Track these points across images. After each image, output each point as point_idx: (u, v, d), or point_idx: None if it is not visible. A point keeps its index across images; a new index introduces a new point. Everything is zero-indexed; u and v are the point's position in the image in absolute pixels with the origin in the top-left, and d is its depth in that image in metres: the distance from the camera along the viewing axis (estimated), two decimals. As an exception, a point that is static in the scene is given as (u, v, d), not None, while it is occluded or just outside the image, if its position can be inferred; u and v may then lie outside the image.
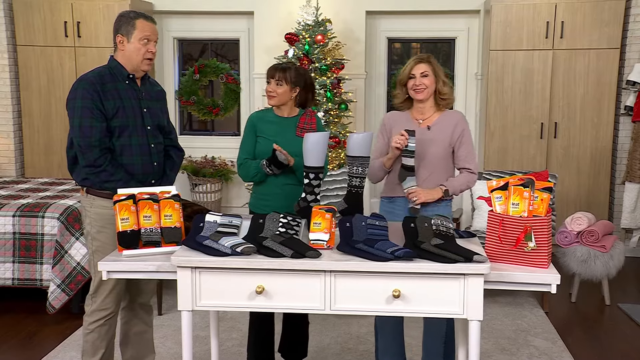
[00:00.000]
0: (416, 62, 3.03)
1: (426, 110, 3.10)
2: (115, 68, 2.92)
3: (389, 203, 3.14)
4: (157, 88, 3.12)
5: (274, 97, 3.17)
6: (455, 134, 3.06)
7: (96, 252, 2.92)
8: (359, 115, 6.27)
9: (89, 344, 2.98)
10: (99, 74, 2.89)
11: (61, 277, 4.12)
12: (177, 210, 2.67)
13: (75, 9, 5.93)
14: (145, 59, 2.90)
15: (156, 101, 3.06)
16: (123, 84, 2.91)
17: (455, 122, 3.07)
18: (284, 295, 2.44)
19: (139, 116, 2.93)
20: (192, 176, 6.43)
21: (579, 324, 4.29)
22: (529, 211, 2.50)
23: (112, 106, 2.85)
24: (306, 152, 2.80)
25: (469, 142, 3.09)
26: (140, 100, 2.95)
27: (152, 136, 2.98)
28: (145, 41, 2.87)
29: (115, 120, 2.86)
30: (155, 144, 3.00)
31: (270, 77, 3.18)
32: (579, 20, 5.61)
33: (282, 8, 6.21)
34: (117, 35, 2.90)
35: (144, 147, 2.94)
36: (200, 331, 3.97)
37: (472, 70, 6.43)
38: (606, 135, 5.74)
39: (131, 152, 2.90)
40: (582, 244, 4.47)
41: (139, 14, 2.91)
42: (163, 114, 3.09)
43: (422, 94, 3.02)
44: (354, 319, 4.18)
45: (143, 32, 2.86)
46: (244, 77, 6.69)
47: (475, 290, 2.38)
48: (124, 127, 2.88)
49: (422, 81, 3.01)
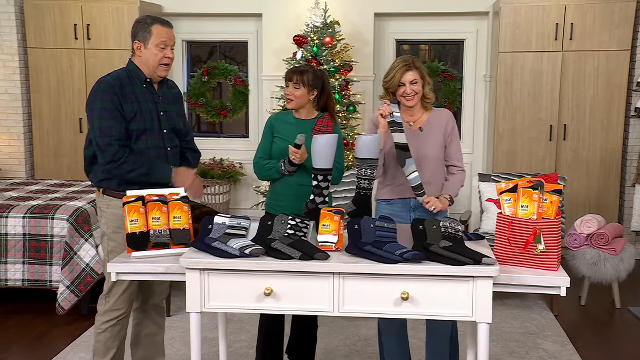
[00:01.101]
0: (404, 69, 3.01)
1: (415, 112, 3.12)
2: (133, 71, 2.93)
3: (388, 205, 3.14)
4: (174, 91, 3.12)
5: (292, 100, 3.18)
6: (447, 131, 3.11)
7: (112, 252, 2.94)
8: (367, 117, 6.26)
9: (100, 344, 2.99)
10: (118, 77, 2.90)
11: (70, 278, 4.14)
12: (185, 212, 2.68)
13: (85, 12, 5.97)
14: (162, 64, 2.91)
15: (173, 104, 3.06)
16: (140, 88, 2.92)
17: (446, 120, 3.12)
18: (292, 297, 2.44)
19: (155, 120, 2.94)
20: (201, 178, 6.44)
21: (589, 327, 4.26)
22: (538, 213, 2.49)
23: (131, 109, 2.87)
24: (315, 154, 2.81)
25: (457, 139, 3.16)
26: (157, 104, 2.96)
27: (169, 139, 2.99)
28: (162, 47, 2.88)
29: (133, 124, 2.87)
30: (172, 147, 3.01)
31: (288, 80, 3.19)
32: (588, 22, 5.58)
33: (290, 10, 6.22)
34: (134, 42, 2.91)
35: (160, 151, 2.95)
36: (208, 333, 3.98)
37: (481, 72, 6.41)
38: (616, 137, 5.70)
39: (148, 156, 2.91)
40: (591, 246, 4.44)
41: (155, 19, 2.91)
42: (179, 117, 3.10)
43: (413, 101, 3.05)
44: (362, 321, 4.17)
45: (159, 38, 2.87)
46: (252, 79, 6.71)
47: (484, 293, 2.37)
48: (142, 131, 2.89)
49: (412, 88, 3.02)
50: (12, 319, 4.27)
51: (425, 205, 2.97)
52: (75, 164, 6.14)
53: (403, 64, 3.03)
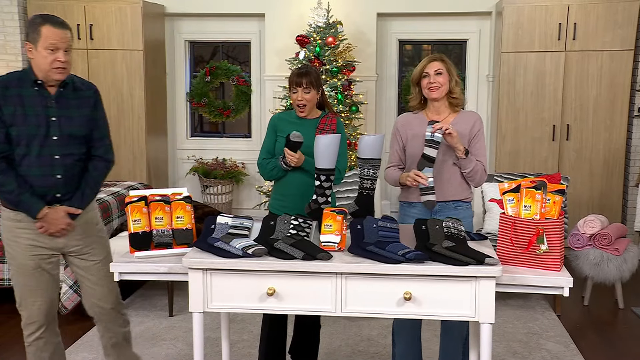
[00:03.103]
0: (429, 60, 2.97)
1: (442, 110, 3.02)
2: (27, 73, 2.73)
3: (409, 207, 3.08)
4: (85, 94, 2.85)
5: (305, 106, 3.11)
6: (472, 133, 3.00)
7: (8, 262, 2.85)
8: (369, 117, 6.27)
9: (30, 355, 2.93)
10: (7, 78, 2.72)
11: (73, 278, 4.14)
12: (188, 212, 2.68)
13: (87, 12, 5.98)
14: (54, 68, 2.67)
15: (76, 109, 2.79)
16: (30, 90, 2.71)
17: (473, 121, 3.01)
18: (295, 297, 2.44)
19: (43, 125, 2.70)
20: (203, 178, 6.45)
21: (592, 327, 4.26)
22: (541, 214, 2.49)
23: (11, 113, 2.66)
24: (317, 154, 2.80)
25: (482, 141, 3.04)
26: (48, 109, 2.72)
27: (60, 147, 2.73)
28: (51, 49, 2.64)
29: (14, 129, 2.67)
30: (64, 156, 2.75)
31: (296, 85, 3.09)
32: (591, 22, 5.57)
33: (293, 10, 6.22)
34: (26, 43, 2.70)
35: (44, 158, 2.71)
36: (211, 333, 3.98)
37: (484, 72, 6.40)
38: (619, 138, 5.69)
39: (30, 163, 2.70)
40: (595, 246, 4.43)
41: (47, 19, 2.68)
42: (86, 123, 2.81)
43: (437, 92, 2.95)
44: (364, 321, 4.17)
45: (49, 40, 2.64)
46: (255, 79, 6.71)
47: (486, 293, 2.37)
48: (23, 136, 2.68)
49: (437, 79, 2.93)
50: (13, 319, 4.27)
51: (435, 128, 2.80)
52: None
53: (431, 56, 2.99)
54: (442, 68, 2.95)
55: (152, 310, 4.41)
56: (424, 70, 2.96)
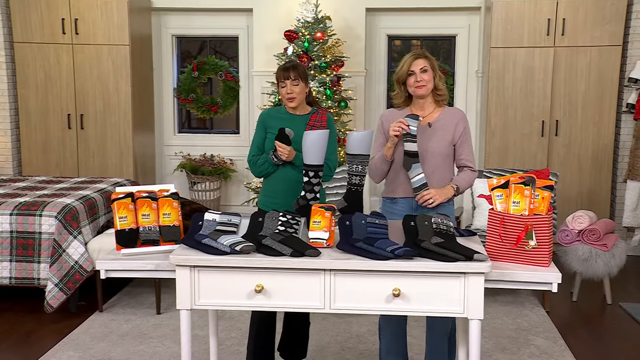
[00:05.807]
0: (414, 57, 2.98)
1: (426, 106, 3.05)
2: None
3: (391, 203, 3.09)
4: None
5: (295, 98, 3.09)
6: (457, 132, 3.02)
7: None
8: (358, 113, 6.25)
9: None
10: None
11: (59, 276, 4.09)
12: (175, 209, 2.65)
13: (72, 6, 5.89)
14: None
15: None
16: None
17: (458, 119, 3.04)
18: (283, 294, 2.42)
19: None
20: (191, 174, 6.40)
21: (581, 323, 4.27)
22: (530, 209, 2.48)
23: None
24: (305, 150, 2.78)
25: (469, 140, 3.07)
26: None
27: None
28: None
29: None
30: None
31: (284, 78, 3.09)
32: (580, 17, 5.58)
33: (281, 5, 6.18)
34: None
35: None
36: (199, 330, 3.95)
37: (473, 68, 6.40)
38: (608, 133, 5.71)
39: None
40: (583, 242, 4.45)
41: None
42: None
43: (424, 90, 2.97)
44: (353, 318, 4.16)
45: None
46: (243, 74, 6.67)
47: (475, 289, 2.36)
48: None
49: (422, 77, 2.95)
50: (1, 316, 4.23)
51: (420, 201, 2.89)
52: (64, 160, 6.08)
53: (413, 53, 3.00)
54: (427, 65, 2.97)
55: (139, 308, 4.37)
56: (410, 68, 2.97)
